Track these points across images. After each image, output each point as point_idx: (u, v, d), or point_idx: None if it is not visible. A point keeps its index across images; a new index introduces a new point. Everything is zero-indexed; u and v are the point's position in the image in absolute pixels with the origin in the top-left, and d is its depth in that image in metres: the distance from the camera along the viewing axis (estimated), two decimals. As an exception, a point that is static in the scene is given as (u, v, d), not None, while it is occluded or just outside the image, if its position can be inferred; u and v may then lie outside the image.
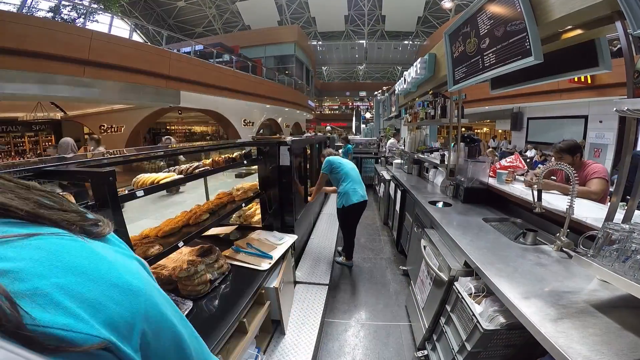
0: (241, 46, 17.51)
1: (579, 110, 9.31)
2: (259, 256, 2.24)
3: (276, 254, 2.29)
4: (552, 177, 2.71)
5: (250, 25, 22.45)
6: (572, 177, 1.70)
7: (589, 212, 1.82)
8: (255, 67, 14.62)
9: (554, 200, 2.12)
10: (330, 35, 25.38)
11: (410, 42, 24.28)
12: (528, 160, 9.09)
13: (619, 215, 1.50)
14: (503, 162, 3.19)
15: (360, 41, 24.88)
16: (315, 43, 24.93)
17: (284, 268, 2.32)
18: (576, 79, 7.65)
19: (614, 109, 1.35)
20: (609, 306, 1.20)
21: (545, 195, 2.06)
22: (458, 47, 2.72)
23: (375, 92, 11.80)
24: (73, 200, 1.19)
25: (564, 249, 1.73)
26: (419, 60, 3.86)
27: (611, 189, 1.92)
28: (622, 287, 1.14)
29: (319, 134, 8.12)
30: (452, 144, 3.52)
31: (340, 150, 7.61)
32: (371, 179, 7.95)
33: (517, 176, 2.98)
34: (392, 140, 8.05)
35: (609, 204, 1.61)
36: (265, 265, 2.14)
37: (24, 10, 10.97)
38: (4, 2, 11.11)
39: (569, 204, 1.71)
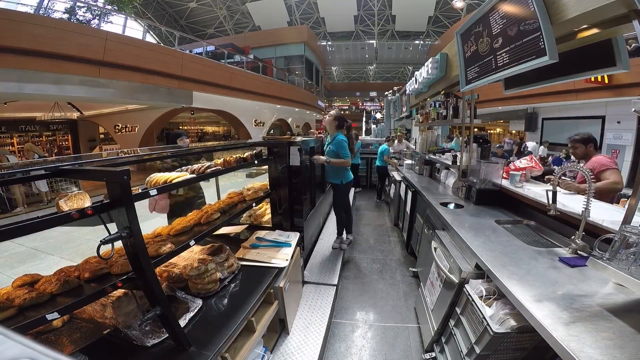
0: (252, 47, 17.65)
1: (595, 110, 9.06)
2: (276, 246, 2.28)
3: (288, 250, 2.33)
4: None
5: (260, 25, 22.61)
6: (587, 178, 1.66)
7: (605, 215, 1.78)
8: (266, 68, 14.71)
9: (569, 202, 2.08)
10: (339, 36, 25.31)
11: (421, 42, 24.04)
12: (545, 160, 8.84)
13: (637, 218, 1.46)
14: (518, 163, 3.13)
15: (370, 41, 24.75)
16: (325, 43, 24.90)
17: (291, 267, 2.34)
18: (593, 79, 7.45)
19: (633, 109, 1.33)
20: (624, 310, 1.17)
21: (560, 197, 2.02)
22: (470, 46, 2.68)
23: (386, 93, 11.72)
24: (89, 199, 1.22)
25: (579, 252, 1.69)
26: (431, 60, 3.82)
27: (626, 191, 1.87)
28: (638, 291, 1.11)
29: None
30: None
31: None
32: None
33: (530, 177, 2.93)
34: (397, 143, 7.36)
35: (626, 206, 1.56)
36: (282, 263, 2.19)
37: (40, 12, 11.26)
38: (21, 4, 11.46)
39: (585, 206, 1.67)
